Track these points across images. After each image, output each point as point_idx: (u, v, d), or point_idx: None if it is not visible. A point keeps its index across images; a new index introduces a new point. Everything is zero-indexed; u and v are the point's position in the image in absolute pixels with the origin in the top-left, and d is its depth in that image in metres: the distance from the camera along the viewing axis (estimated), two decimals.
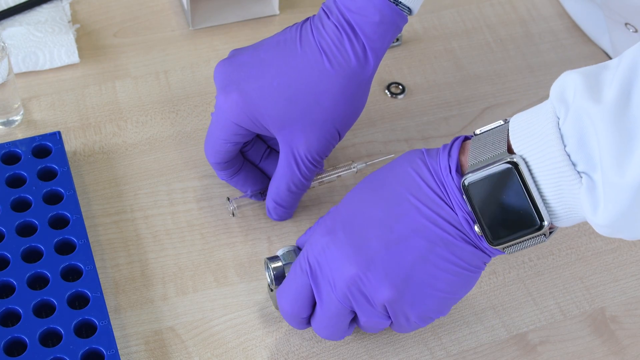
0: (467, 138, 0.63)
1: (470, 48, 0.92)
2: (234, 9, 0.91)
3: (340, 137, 0.72)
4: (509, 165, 0.58)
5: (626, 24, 0.83)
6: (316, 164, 0.73)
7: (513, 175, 0.58)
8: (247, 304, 0.73)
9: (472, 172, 0.60)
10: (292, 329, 0.71)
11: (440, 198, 0.61)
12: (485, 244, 0.61)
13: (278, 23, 0.92)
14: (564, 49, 0.92)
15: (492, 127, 0.61)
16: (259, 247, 0.76)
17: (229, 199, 0.77)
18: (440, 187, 0.61)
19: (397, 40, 0.90)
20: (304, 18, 0.93)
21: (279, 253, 0.69)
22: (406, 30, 0.92)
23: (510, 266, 0.76)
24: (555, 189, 0.58)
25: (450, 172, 0.61)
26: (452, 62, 0.90)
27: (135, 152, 0.81)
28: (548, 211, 0.59)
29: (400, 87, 0.87)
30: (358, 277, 0.62)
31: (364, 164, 0.79)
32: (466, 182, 0.60)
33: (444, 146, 0.63)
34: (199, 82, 0.86)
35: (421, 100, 0.87)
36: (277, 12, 0.92)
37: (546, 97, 0.88)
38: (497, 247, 0.61)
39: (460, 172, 0.61)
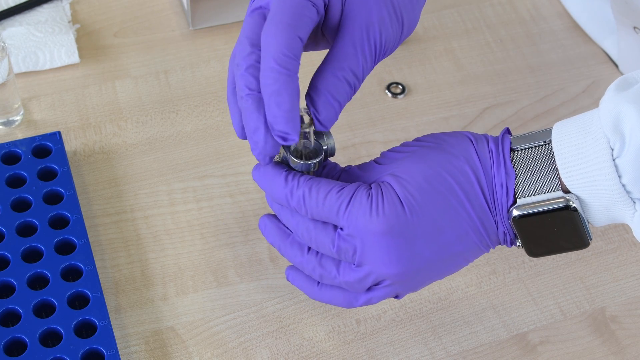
0: (509, 132, 0.62)
1: (470, 48, 0.92)
2: (234, 9, 0.91)
3: (402, 30, 0.63)
4: (565, 207, 0.59)
5: (634, 27, 0.83)
6: (378, 54, 0.62)
7: (569, 215, 0.59)
8: (247, 304, 0.73)
9: (524, 205, 0.60)
10: (291, 329, 0.71)
11: (490, 210, 0.61)
12: (507, 244, 0.62)
13: None
14: (564, 49, 0.92)
15: (534, 144, 0.61)
16: (259, 247, 0.76)
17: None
18: (491, 198, 0.61)
19: None
20: None
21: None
22: None
23: (510, 266, 0.76)
24: (605, 211, 0.59)
25: (507, 194, 0.60)
26: (452, 62, 0.90)
27: (135, 152, 0.81)
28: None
29: (400, 87, 0.87)
30: (396, 276, 0.61)
31: None
32: (517, 215, 0.60)
33: (497, 153, 0.61)
34: (199, 82, 0.86)
35: (421, 100, 0.87)
36: None
37: (546, 97, 0.88)
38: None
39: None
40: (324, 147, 0.63)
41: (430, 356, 0.71)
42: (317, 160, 0.62)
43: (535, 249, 0.62)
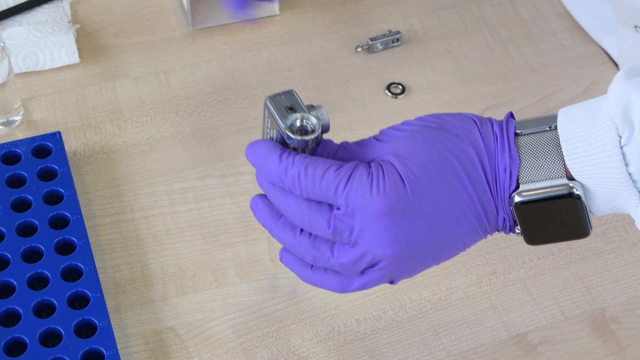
0: (512, 116, 0.61)
1: (470, 48, 0.92)
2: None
3: None
4: (568, 195, 0.58)
5: (635, 26, 0.83)
6: None
7: (572, 203, 0.58)
8: (247, 304, 0.73)
9: (526, 191, 0.59)
10: (291, 329, 0.71)
11: (491, 194, 0.59)
12: (506, 231, 0.61)
13: (278, 23, 0.92)
14: (564, 49, 0.92)
15: (539, 129, 0.60)
16: (259, 247, 0.76)
17: None
18: (493, 182, 0.59)
19: (397, 40, 0.90)
20: (304, 19, 0.93)
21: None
22: (406, 30, 0.92)
23: (510, 266, 0.76)
24: (608, 201, 0.58)
25: (510, 178, 0.59)
26: (452, 62, 0.90)
27: (135, 152, 0.81)
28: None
29: (400, 87, 0.87)
30: (391, 256, 0.60)
31: None
32: (519, 201, 0.59)
33: (502, 137, 0.60)
34: (199, 82, 0.86)
35: (421, 100, 0.87)
36: (277, 12, 0.92)
37: (546, 97, 0.88)
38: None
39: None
40: (320, 123, 0.61)
41: (430, 356, 0.71)
42: (315, 136, 0.60)
43: (534, 236, 0.60)
